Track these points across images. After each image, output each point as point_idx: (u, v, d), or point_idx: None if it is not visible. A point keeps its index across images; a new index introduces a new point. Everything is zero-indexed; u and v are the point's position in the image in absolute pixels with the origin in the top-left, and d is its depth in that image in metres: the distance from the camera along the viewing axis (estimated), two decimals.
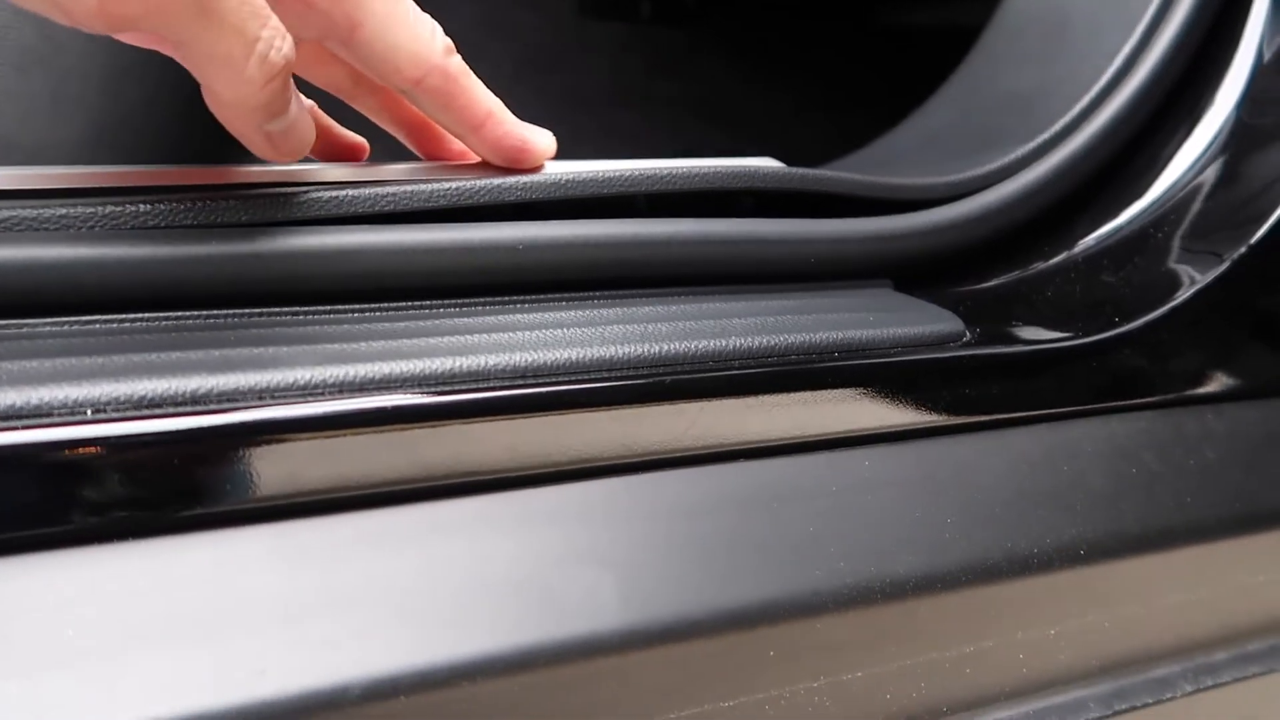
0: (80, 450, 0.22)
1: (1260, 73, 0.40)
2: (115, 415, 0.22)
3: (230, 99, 0.25)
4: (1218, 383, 0.38)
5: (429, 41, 0.29)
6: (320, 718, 0.21)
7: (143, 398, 0.22)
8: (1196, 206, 0.39)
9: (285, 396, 0.24)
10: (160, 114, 0.43)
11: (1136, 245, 0.39)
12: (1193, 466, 0.35)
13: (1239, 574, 0.36)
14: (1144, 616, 0.34)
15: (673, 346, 0.28)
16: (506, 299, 0.31)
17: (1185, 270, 0.37)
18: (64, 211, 0.26)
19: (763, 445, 0.29)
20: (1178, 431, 0.36)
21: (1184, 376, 0.37)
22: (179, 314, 0.27)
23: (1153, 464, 0.35)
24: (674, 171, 0.34)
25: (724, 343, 0.29)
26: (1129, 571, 0.33)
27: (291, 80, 0.26)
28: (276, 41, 0.24)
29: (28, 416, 0.21)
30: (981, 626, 0.30)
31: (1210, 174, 0.39)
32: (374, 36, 0.28)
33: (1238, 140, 0.39)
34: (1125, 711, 0.33)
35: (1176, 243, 0.38)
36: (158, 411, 0.22)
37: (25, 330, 0.25)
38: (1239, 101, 0.40)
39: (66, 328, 0.26)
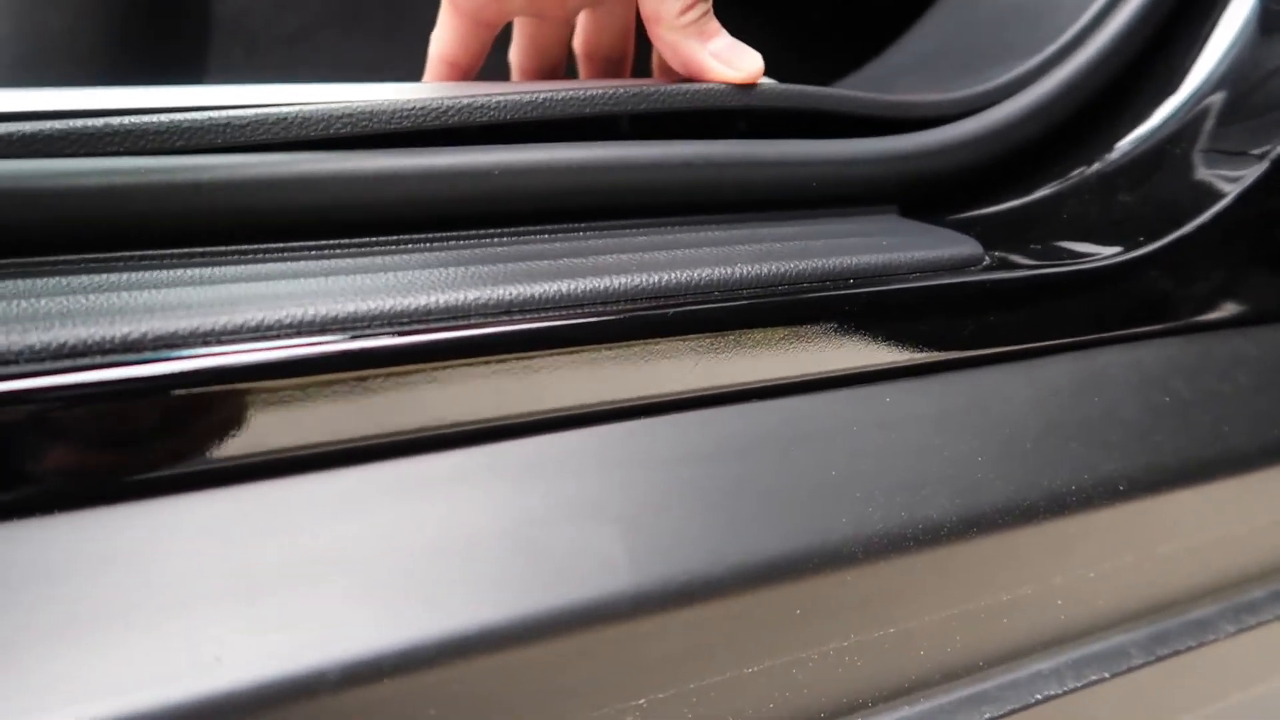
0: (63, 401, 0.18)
1: None
2: (31, 368, 0.19)
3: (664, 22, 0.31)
4: (1246, 303, 0.35)
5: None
6: (291, 709, 0.18)
7: (63, 345, 0.19)
8: (1219, 114, 0.36)
9: (234, 339, 0.20)
10: (82, 43, 0.39)
11: (1157, 159, 0.36)
12: (1227, 393, 0.33)
13: (1276, 505, 0.33)
14: (1182, 554, 0.31)
15: (673, 275, 0.25)
16: (482, 231, 0.28)
17: (1209, 184, 0.35)
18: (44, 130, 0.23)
19: (776, 383, 0.26)
20: (1208, 357, 0.34)
21: (1211, 298, 0.35)
22: (104, 255, 0.23)
23: (1184, 392, 0.32)
24: (660, 90, 0.31)
25: (729, 270, 0.26)
26: (1166, 507, 0.30)
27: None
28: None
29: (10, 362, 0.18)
30: (1018, 572, 0.28)
31: (1233, 77, 0.36)
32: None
33: (1262, 36, 0.37)
34: (1167, 657, 0.31)
35: (1199, 155, 0.36)
36: (83, 362, 0.19)
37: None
38: None
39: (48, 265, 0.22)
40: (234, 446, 0.20)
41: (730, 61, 0.32)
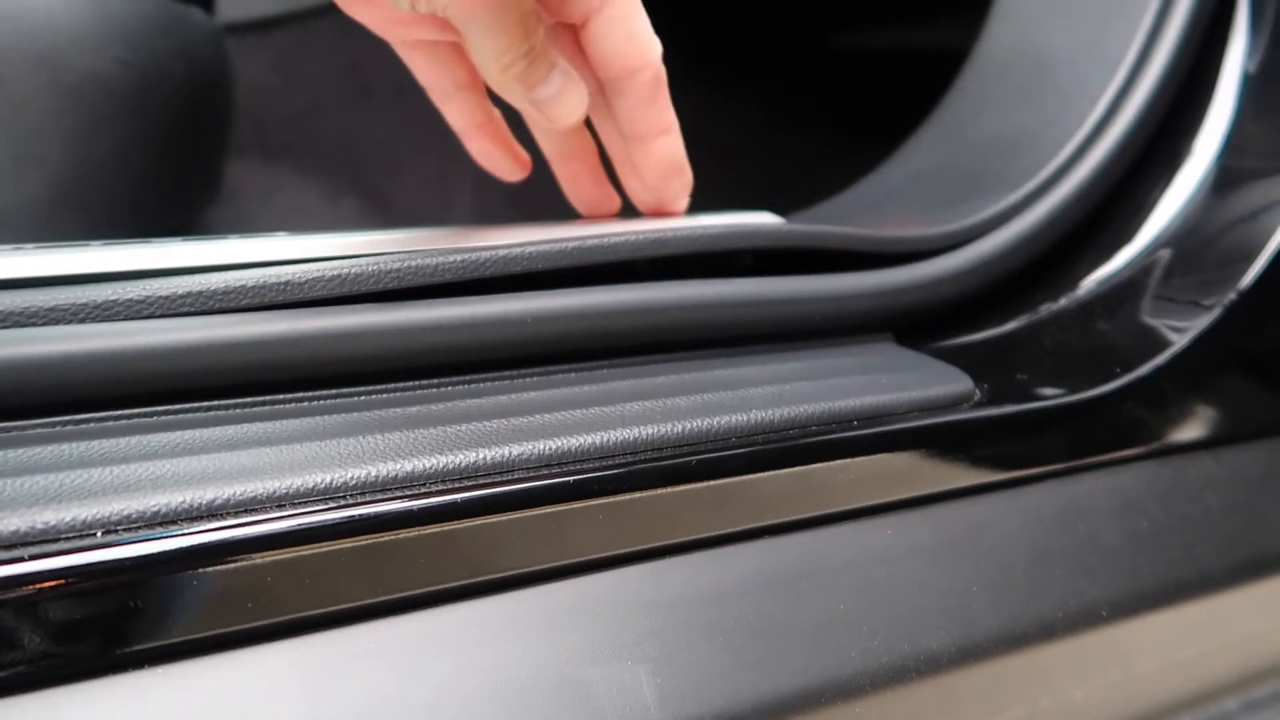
0: (89, 579, 0.20)
1: (1241, 116, 0.40)
2: (127, 537, 0.20)
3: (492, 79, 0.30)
4: (1214, 427, 0.38)
5: (654, 40, 0.32)
6: None
7: (156, 513, 0.21)
8: (1185, 251, 0.39)
9: (306, 501, 0.22)
10: (127, 169, 0.41)
11: (1129, 292, 0.39)
12: (1197, 516, 0.35)
13: (1246, 620, 0.36)
14: (1161, 672, 0.34)
15: (696, 424, 0.28)
16: (515, 373, 0.30)
17: (1179, 316, 0.38)
18: (55, 301, 0.25)
19: (788, 521, 0.28)
20: (1179, 480, 0.36)
21: (1181, 423, 0.37)
22: (134, 411, 0.25)
23: (1159, 516, 0.35)
24: (677, 234, 0.33)
25: (746, 417, 0.28)
26: (1145, 628, 0.33)
27: (552, 55, 0.31)
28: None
29: (33, 543, 0.20)
30: (1011, 696, 0.30)
31: (1196, 218, 0.40)
32: (616, 18, 0.31)
33: (1221, 183, 0.40)
34: None
35: (1168, 288, 0.39)
36: (173, 530, 0.21)
37: (13, 434, 0.23)
38: (1221, 145, 0.40)
39: (59, 429, 0.24)
40: (258, 612, 0.22)
41: (547, 113, 0.32)
